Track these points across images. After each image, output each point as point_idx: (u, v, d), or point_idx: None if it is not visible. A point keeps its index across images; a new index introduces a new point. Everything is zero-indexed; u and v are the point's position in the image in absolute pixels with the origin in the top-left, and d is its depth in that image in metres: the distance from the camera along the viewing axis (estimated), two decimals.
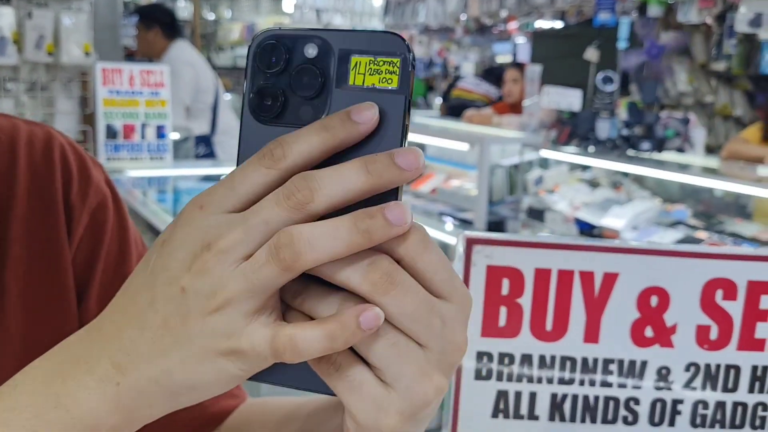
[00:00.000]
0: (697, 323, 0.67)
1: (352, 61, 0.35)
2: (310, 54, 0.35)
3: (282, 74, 0.36)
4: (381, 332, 0.33)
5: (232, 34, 8.90)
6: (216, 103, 3.91)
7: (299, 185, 0.32)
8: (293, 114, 0.36)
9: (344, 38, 0.35)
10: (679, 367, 0.67)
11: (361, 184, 0.32)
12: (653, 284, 0.66)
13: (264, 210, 0.33)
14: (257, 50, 0.36)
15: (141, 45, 3.97)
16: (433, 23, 5.97)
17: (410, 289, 0.33)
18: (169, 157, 3.01)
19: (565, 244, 0.66)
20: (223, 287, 0.33)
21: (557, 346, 0.67)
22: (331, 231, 0.32)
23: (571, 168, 3.51)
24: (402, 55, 0.35)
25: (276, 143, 0.34)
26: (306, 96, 0.35)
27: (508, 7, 4.83)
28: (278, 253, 0.32)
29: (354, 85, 0.35)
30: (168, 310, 0.34)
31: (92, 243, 0.59)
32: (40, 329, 0.56)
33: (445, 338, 0.34)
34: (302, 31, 0.36)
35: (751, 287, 0.66)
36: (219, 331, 0.33)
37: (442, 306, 0.34)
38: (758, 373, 0.68)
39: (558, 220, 3.13)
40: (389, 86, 0.35)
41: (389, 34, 0.35)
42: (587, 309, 0.66)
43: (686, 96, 4.67)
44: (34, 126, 0.60)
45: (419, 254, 0.34)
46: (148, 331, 0.34)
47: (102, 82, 2.85)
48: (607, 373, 0.68)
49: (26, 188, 0.57)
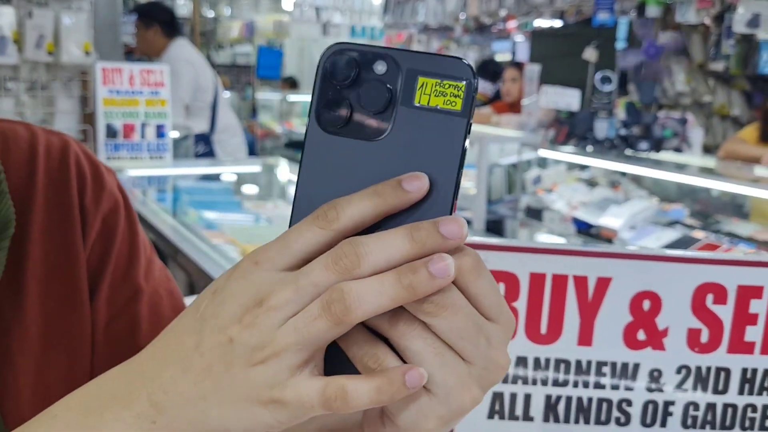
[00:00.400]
0: (688, 326, 0.68)
1: (419, 81, 0.37)
2: (379, 70, 0.37)
3: (350, 87, 0.37)
4: (430, 343, 0.35)
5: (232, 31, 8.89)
6: (215, 102, 3.91)
7: (347, 251, 0.34)
8: (358, 127, 0.37)
9: (413, 59, 0.37)
10: (671, 370, 0.69)
11: (405, 252, 0.34)
12: (645, 288, 0.68)
13: (314, 272, 0.34)
14: (329, 61, 0.37)
15: (140, 43, 3.96)
16: (433, 22, 5.97)
17: (461, 310, 0.35)
18: (168, 157, 3.02)
19: (559, 249, 0.68)
20: (272, 341, 0.34)
21: (552, 348, 0.68)
22: (377, 287, 0.34)
23: (569, 167, 3.53)
24: (467, 81, 0.36)
25: (330, 206, 0.35)
26: (372, 110, 0.37)
27: (507, 6, 4.84)
28: (330, 308, 0.34)
29: (419, 104, 0.37)
30: (213, 356, 0.35)
31: (104, 246, 0.61)
32: (57, 329, 0.58)
33: (489, 357, 0.37)
34: (373, 47, 0.38)
35: (740, 292, 0.68)
36: (263, 382, 0.35)
37: (489, 327, 0.37)
38: (748, 376, 0.69)
39: (556, 220, 3.15)
40: (453, 108, 0.37)
41: (457, 59, 0.37)
42: (581, 312, 0.68)
43: (684, 96, 4.68)
44: (51, 135, 0.62)
45: (473, 280, 0.36)
46: (190, 374, 0.35)
47: (102, 82, 2.86)
48: (601, 375, 0.69)
49: (44, 194, 0.59)
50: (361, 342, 0.36)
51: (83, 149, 0.63)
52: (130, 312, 0.62)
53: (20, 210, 0.56)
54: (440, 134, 0.37)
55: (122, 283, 0.62)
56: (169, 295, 0.65)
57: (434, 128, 0.37)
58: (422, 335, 0.35)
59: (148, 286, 0.63)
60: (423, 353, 0.35)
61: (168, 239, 2.15)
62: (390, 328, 0.35)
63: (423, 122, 0.37)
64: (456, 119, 0.36)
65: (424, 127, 0.37)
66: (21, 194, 0.57)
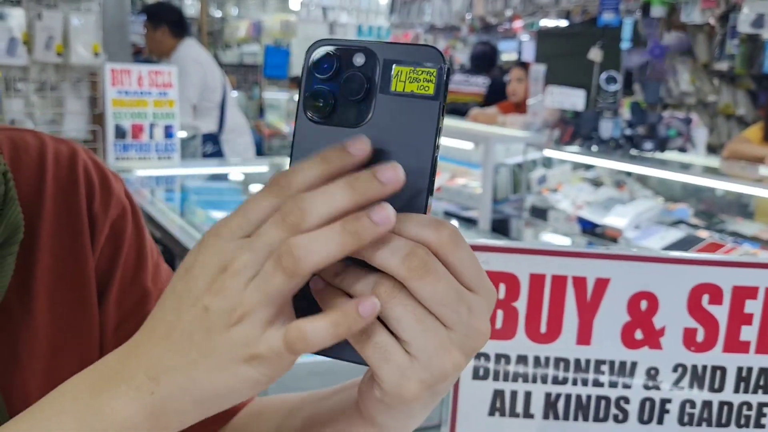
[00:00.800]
0: (684, 326, 0.70)
1: (395, 69, 0.40)
2: (358, 62, 0.40)
3: (333, 80, 0.41)
4: (411, 309, 0.38)
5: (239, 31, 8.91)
6: (224, 101, 3.93)
7: (292, 207, 0.37)
8: (342, 115, 0.40)
9: (388, 49, 0.40)
10: (667, 368, 0.71)
11: (347, 202, 0.37)
12: (643, 289, 0.69)
13: (266, 233, 0.37)
14: (313, 58, 0.41)
15: (149, 44, 3.98)
16: (439, 22, 5.98)
17: (443, 277, 0.38)
18: (176, 157, 3.05)
19: (558, 251, 0.70)
20: (240, 303, 0.37)
21: (551, 347, 0.70)
22: (323, 236, 0.36)
23: (574, 167, 3.53)
24: (438, 66, 0.40)
25: (281, 174, 0.39)
26: (354, 99, 0.40)
27: (513, 6, 4.84)
28: (281, 262, 0.36)
29: (395, 91, 0.40)
30: (193, 327, 0.38)
31: (112, 251, 0.63)
32: (65, 332, 0.60)
33: (470, 324, 0.39)
34: (352, 41, 0.41)
35: (736, 292, 0.69)
36: (239, 341, 0.38)
37: (470, 297, 0.39)
38: (743, 374, 0.71)
39: (561, 219, 3.16)
40: (426, 93, 0.40)
41: (428, 47, 0.40)
42: (580, 312, 0.70)
43: (689, 96, 4.67)
44: (59, 143, 0.64)
45: (452, 250, 0.38)
46: (177, 347, 0.39)
47: (111, 83, 2.88)
48: (599, 374, 0.71)
49: (53, 201, 0.60)
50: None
51: (91, 156, 0.65)
52: (139, 314, 0.63)
53: (29, 216, 0.58)
54: (416, 117, 0.40)
55: (131, 286, 0.64)
56: None
57: (410, 112, 0.40)
58: (403, 302, 0.38)
59: (156, 288, 0.65)
60: (404, 319, 0.38)
61: (176, 239, 2.17)
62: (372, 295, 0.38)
63: (400, 107, 0.40)
64: (429, 102, 0.40)
65: (402, 112, 0.40)
66: (30, 201, 0.59)
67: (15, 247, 0.55)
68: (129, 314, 0.63)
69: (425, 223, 0.38)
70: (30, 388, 0.57)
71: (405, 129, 0.40)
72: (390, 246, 0.37)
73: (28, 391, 0.57)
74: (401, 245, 0.37)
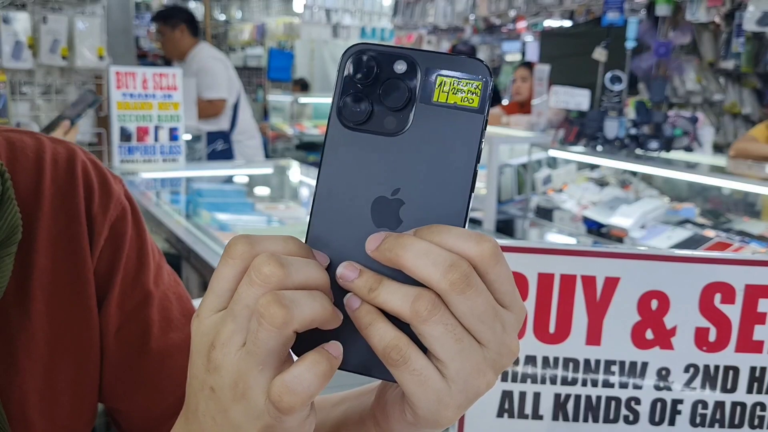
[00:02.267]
0: (696, 326, 0.69)
1: (438, 79, 0.39)
2: (399, 69, 0.39)
3: (372, 85, 0.39)
4: (451, 329, 0.37)
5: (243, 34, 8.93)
6: (237, 102, 3.96)
7: (260, 263, 0.36)
8: (378, 123, 0.39)
9: (432, 58, 0.39)
10: (679, 368, 0.70)
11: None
12: (653, 288, 0.68)
13: (240, 297, 0.37)
14: (351, 60, 0.39)
15: (168, 46, 3.98)
16: (442, 23, 5.97)
17: (482, 293, 0.37)
18: (181, 159, 3.05)
19: (567, 249, 0.69)
20: (238, 374, 0.37)
21: (560, 348, 0.69)
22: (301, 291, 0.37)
23: (579, 167, 3.52)
24: (484, 79, 0.39)
25: (236, 240, 0.38)
26: (392, 107, 0.39)
27: (517, 6, 4.83)
28: (264, 318, 0.35)
29: (438, 101, 0.39)
30: (210, 410, 0.39)
31: (112, 253, 0.62)
32: (63, 335, 0.59)
33: (503, 342, 0.38)
34: (393, 48, 0.40)
35: (749, 291, 0.68)
36: (252, 415, 0.38)
37: (504, 313, 0.38)
38: (756, 374, 0.70)
39: (566, 219, 3.14)
40: (471, 105, 0.39)
41: (474, 59, 0.39)
42: (589, 312, 0.69)
43: (694, 94, 4.66)
44: (57, 144, 0.63)
45: (492, 265, 0.37)
46: (208, 429, 0.39)
47: (116, 86, 2.89)
48: (609, 374, 0.70)
49: (51, 202, 0.59)
50: (383, 334, 0.37)
51: (90, 158, 0.64)
52: (141, 317, 0.62)
53: (27, 218, 0.57)
54: (458, 129, 0.38)
55: (132, 288, 0.63)
56: (179, 299, 0.66)
57: (452, 124, 0.39)
58: (443, 320, 0.37)
59: (157, 290, 0.64)
60: (443, 339, 0.37)
61: (182, 240, 2.17)
62: (411, 314, 0.37)
63: (441, 118, 0.39)
64: (473, 115, 0.38)
65: (443, 123, 0.39)
66: (28, 202, 0.58)
67: (13, 248, 0.55)
68: (130, 317, 0.62)
69: (466, 236, 0.37)
70: (28, 391, 0.57)
71: (446, 141, 0.39)
72: (432, 257, 0.36)
73: (26, 394, 0.56)
74: (443, 257, 0.36)
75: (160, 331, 0.63)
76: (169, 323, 0.64)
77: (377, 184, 0.39)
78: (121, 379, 0.62)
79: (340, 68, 0.39)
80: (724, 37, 4.34)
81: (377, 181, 0.39)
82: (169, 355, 0.63)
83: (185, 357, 0.63)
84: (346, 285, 0.38)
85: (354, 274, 0.38)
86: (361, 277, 0.38)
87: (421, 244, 0.36)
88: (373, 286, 0.38)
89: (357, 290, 0.38)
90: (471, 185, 0.39)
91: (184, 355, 0.63)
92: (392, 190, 0.39)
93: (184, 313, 0.66)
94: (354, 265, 0.38)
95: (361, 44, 0.40)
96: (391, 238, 0.37)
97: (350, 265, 0.38)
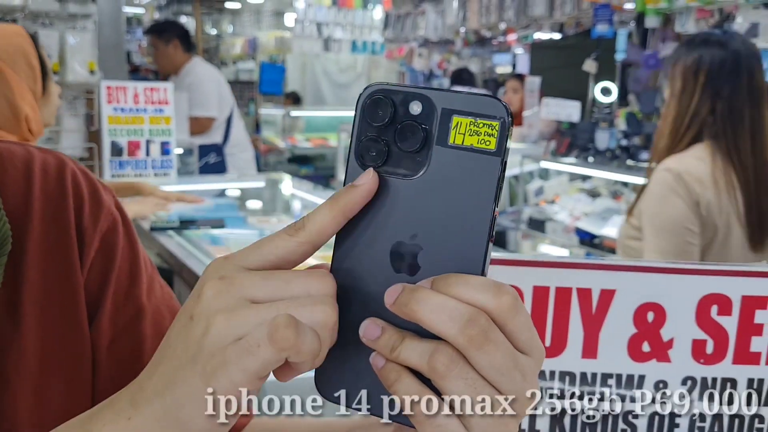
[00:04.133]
0: (693, 338, 0.68)
1: (454, 120, 0.38)
2: (414, 111, 0.38)
3: (387, 127, 0.39)
4: (471, 384, 0.37)
5: (235, 48, 8.95)
6: (231, 116, 3.97)
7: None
8: (395, 165, 0.39)
9: (447, 98, 0.38)
10: (676, 381, 0.69)
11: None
12: (649, 300, 0.68)
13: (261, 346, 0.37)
14: (366, 103, 0.39)
15: (161, 61, 3.98)
16: (433, 36, 6.00)
17: (501, 346, 0.37)
18: (173, 173, 3.04)
19: (562, 262, 0.68)
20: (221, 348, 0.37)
21: (556, 361, 0.69)
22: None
23: (571, 178, 3.53)
24: (501, 119, 0.38)
25: (301, 220, 0.39)
26: (408, 150, 0.38)
27: (507, 19, 4.86)
28: (277, 330, 0.36)
29: (454, 143, 0.38)
30: (181, 341, 0.39)
31: (104, 265, 0.61)
32: (54, 350, 0.58)
33: (522, 390, 0.38)
34: (408, 87, 0.39)
35: (745, 302, 0.68)
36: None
37: (523, 360, 0.38)
38: (754, 386, 0.70)
39: (559, 230, 3.15)
40: (487, 147, 0.38)
41: (491, 97, 0.38)
42: (585, 325, 0.68)
43: None
44: (47, 153, 0.62)
45: (511, 318, 0.37)
46: (162, 365, 0.39)
47: (107, 100, 2.88)
48: (606, 387, 0.69)
49: (41, 214, 0.58)
50: (407, 389, 0.37)
51: (80, 168, 0.63)
52: (134, 331, 0.61)
53: (17, 229, 0.56)
54: (475, 173, 0.38)
55: (125, 302, 0.62)
56: (172, 313, 0.65)
57: (469, 167, 0.38)
58: (463, 375, 0.36)
59: (150, 304, 0.63)
60: (463, 394, 0.37)
61: (174, 255, 2.16)
62: (429, 370, 0.37)
63: (458, 161, 0.38)
64: (490, 158, 0.38)
65: (460, 166, 0.38)
66: (17, 213, 0.57)
67: (3, 258, 0.54)
68: (123, 331, 0.61)
69: (485, 287, 0.37)
70: (18, 407, 0.55)
71: (463, 184, 0.38)
72: (448, 312, 0.36)
73: (16, 410, 0.55)
74: (461, 312, 0.36)
75: (153, 346, 0.62)
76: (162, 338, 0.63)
77: (396, 228, 0.39)
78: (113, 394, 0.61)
79: (356, 109, 0.39)
80: None
81: (396, 225, 0.39)
82: None
83: None
84: (370, 344, 0.38)
85: (377, 332, 0.38)
86: (383, 335, 0.38)
87: (436, 298, 0.36)
88: (395, 345, 0.38)
89: (380, 349, 0.38)
90: (489, 230, 0.38)
91: None
92: (410, 234, 0.39)
93: None
94: (377, 323, 0.38)
95: (377, 85, 0.39)
96: (406, 292, 0.37)
97: (373, 322, 0.38)
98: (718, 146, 1.61)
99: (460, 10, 5.39)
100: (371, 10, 7.90)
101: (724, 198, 1.61)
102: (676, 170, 1.60)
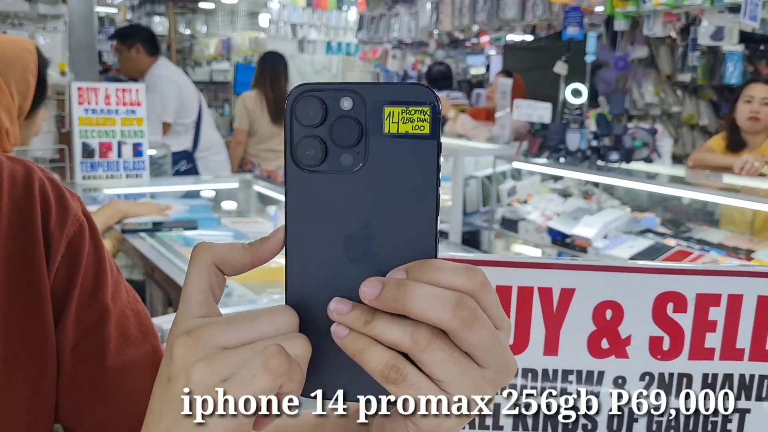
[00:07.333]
0: (650, 335, 0.70)
1: (386, 111, 0.39)
2: (345, 106, 0.39)
3: (320, 126, 0.39)
4: (450, 354, 0.38)
5: (209, 49, 8.88)
6: (199, 120, 3.93)
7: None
8: (334, 161, 0.39)
9: (376, 90, 0.39)
10: (635, 377, 0.71)
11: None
12: (608, 299, 0.70)
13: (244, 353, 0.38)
14: (294, 105, 0.39)
15: (124, 65, 3.92)
16: (407, 38, 6.02)
17: (486, 323, 0.39)
18: (146, 175, 3.02)
19: (523, 262, 0.70)
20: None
21: (519, 358, 0.70)
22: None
23: (543, 178, 3.57)
24: (432, 104, 0.39)
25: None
26: (345, 145, 0.39)
27: (480, 21, 4.90)
28: (271, 358, 0.37)
29: (389, 132, 0.39)
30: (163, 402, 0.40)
31: (69, 269, 0.62)
32: (19, 353, 0.58)
33: (503, 362, 0.40)
34: (335, 85, 0.39)
35: (699, 300, 0.70)
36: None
37: (500, 335, 0.40)
38: (709, 381, 0.72)
39: (531, 230, 3.18)
40: (422, 132, 0.39)
41: (417, 85, 0.39)
42: (546, 323, 0.70)
43: (653, 107, 4.76)
44: (14, 162, 0.63)
45: (485, 295, 0.39)
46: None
47: (78, 102, 2.85)
48: (567, 383, 0.71)
49: (8, 219, 0.59)
50: (379, 356, 0.38)
51: (48, 175, 0.64)
52: (98, 333, 0.62)
53: None
54: (414, 157, 0.39)
55: (89, 304, 0.62)
56: (136, 316, 0.66)
57: (407, 153, 0.39)
58: (442, 347, 0.38)
59: (115, 307, 0.64)
60: (444, 363, 0.38)
61: (146, 257, 2.14)
62: (411, 344, 0.38)
63: (396, 149, 0.39)
64: (427, 142, 0.39)
65: (398, 154, 0.39)
66: None
67: None
68: (87, 333, 0.62)
69: (459, 271, 0.38)
70: None
71: (404, 170, 0.39)
72: (438, 300, 0.37)
73: None
74: (448, 297, 0.37)
75: (117, 348, 0.63)
76: (126, 340, 0.64)
77: (345, 221, 0.39)
78: (78, 397, 0.62)
79: (286, 112, 0.39)
80: (681, 51, 4.46)
81: (345, 218, 0.39)
82: (125, 373, 0.63)
83: (142, 375, 0.62)
84: (340, 318, 0.39)
85: (347, 308, 0.39)
86: (354, 310, 0.39)
87: (424, 288, 0.37)
88: (367, 319, 0.38)
89: (352, 323, 0.39)
90: (435, 210, 0.39)
91: (140, 373, 0.63)
92: (361, 225, 0.39)
93: (142, 329, 0.66)
94: (345, 301, 0.39)
95: (303, 86, 0.39)
96: (392, 287, 0.38)
97: (341, 300, 0.39)
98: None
99: (434, 12, 5.42)
100: (346, 11, 7.90)
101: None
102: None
